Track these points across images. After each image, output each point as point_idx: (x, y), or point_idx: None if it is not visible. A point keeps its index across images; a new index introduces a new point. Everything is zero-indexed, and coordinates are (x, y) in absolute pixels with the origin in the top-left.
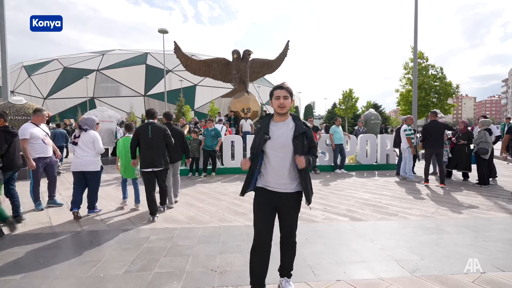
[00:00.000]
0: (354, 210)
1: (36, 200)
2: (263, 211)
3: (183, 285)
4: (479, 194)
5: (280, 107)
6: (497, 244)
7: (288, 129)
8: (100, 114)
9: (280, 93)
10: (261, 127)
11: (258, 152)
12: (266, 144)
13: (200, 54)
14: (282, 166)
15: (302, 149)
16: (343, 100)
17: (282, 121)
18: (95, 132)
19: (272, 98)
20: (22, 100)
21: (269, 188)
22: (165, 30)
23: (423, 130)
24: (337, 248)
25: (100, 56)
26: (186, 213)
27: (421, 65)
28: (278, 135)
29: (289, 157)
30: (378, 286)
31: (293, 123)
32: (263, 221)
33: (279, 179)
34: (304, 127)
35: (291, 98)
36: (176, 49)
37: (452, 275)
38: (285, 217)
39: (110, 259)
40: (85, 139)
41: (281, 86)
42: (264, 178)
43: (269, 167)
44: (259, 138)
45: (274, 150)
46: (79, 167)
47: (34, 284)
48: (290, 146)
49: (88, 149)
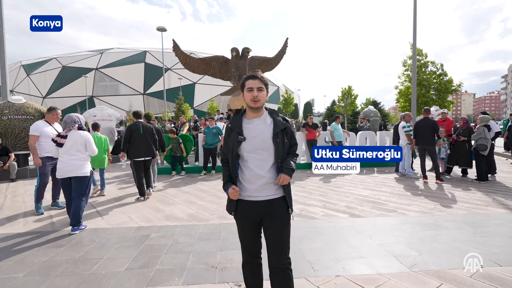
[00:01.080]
0: (353, 207)
1: (37, 201)
2: (247, 227)
3: (184, 281)
4: (478, 190)
5: (253, 101)
6: (494, 239)
7: (266, 126)
8: (100, 113)
9: (252, 84)
10: (232, 127)
11: (234, 156)
12: (241, 146)
13: (199, 52)
14: (263, 169)
15: (283, 148)
16: (342, 97)
17: (257, 117)
18: (87, 132)
19: (244, 90)
20: (22, 99)
21: (250, 198)
22: (163, 28)
23: (415, 127)
24: (336, 244)
25: (99, 54)
26: (187, 211)
27: (420, 62)
28: (255, 134)
29: (270, 158)
30: (376, 282)
31: (270, 119)
32: (250, 237)
33: (262, 185)
34: (283, 122)
35: (266, 89)
36: (175, 47)
37: (450, 270)
38: (273, 232)
39: (112, 257)
40: (74, 139)
41: (253, 75)
42: (243, 187)
43: (248, 173)
44: (231, 140)
45: (252, 152)
46: (64, 172)
47: (36, 282)
48: (270, 145)
49: (76, 152)
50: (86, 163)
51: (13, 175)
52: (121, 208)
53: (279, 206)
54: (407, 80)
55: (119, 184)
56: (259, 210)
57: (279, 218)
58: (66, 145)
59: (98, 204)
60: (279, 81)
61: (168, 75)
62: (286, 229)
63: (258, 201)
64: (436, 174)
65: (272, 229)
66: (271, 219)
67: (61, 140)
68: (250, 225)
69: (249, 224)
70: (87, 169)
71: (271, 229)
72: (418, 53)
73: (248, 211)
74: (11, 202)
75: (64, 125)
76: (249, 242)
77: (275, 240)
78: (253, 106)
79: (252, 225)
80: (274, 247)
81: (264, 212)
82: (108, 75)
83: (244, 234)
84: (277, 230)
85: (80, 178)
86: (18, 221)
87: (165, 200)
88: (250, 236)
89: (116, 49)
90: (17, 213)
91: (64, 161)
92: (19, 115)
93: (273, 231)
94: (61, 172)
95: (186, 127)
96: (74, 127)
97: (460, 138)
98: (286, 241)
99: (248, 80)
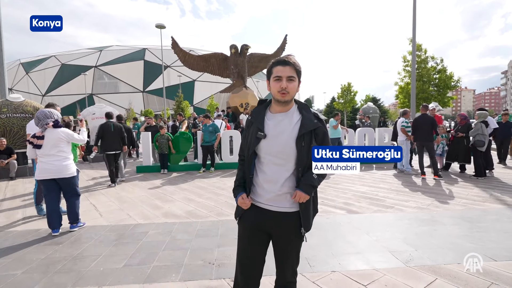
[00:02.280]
0: (351, 203)
1: (38, 203)
2: (251, 238)
3: (181, 278)
4: (475, 186)
5: (281, 93)
6: (490, 235)
7: (291, 124)
8: (99, 111)
9: (282, 71)
10: (252, 120)
11: (250, 155)
12: (259, 145)
13: (198, 49)
14: (278, 177)
15: (309, 154)
16: (342, 94)
17: (283, 112)
18: (64, 128)
19: (271, 79)
20: (20, 97)
21: (260, 205)
22: (162, 25)
23: (413, 123)
24: (333, 240)
25: (98, 52)
26: (185, 208)
27: (420, 58)
28: (277, 132)
29: (290, 165)
30: (372, 277)
31: (298, 115)
32: (251, 253)
33: (274, 193)
34: (315, 122)
35: (298, 79)
36: (174, 44)
37: (445, 265)
38: (283, 249)
39: (110, 254)
40: (54, 140)
41: (285, 60)
42: (255, 191)
43: (262, 178)
44: (250, 135)
45: (269, 155)
46: (48, 173)
47: (35, 278)
48: (292, 149)
49: (58, 152)
50: (70, 162)
51: (13, 173)
52: (120, 205)
53: (293, 221)
54: (406, 76)
55: (118, 182)
56: (269, 221)
57: (290, 236)
58: (46, 147)
59: (97, 201)
60: None
61: (168, 73)
62: (297, 249)
63: (270, 211)
64: (434, 170)
65: (280, 247)
66: (281, 235)
67: (38, 142)
68: (254, 234)
69: (254, 233)
70: (73, 169)
71: (280, 247)
72: (418, 48)
73: (256, 219)
74: (10, 200)
75: (37, 121)
76: (247, 258)
77: (282, 259)
78: (281, 100)
79: (256, 235)
80: (282, 267)
81: (274, 226)
82: (107, 73)
83: (244, 247)
84: (286, 249)
85: (69, 178)
86: (17, 218)
87: (164, 197)
88: (252, 250)
89: (115, 47)
90: (16, 211)
91: (45, 161)
92: (18, 113)
93: (282, 250)
94: (44, 172)
95: (185, 125)
96: (49, 125)
97: (458, 134)
98: (294, 261)
99: (277, 67)
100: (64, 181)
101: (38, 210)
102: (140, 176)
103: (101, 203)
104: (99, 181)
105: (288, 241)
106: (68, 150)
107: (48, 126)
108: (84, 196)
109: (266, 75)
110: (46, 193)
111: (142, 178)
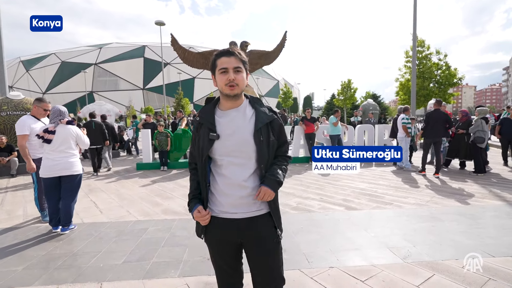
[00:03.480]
0: (350, 200)
1: (42, 210)
2: (222, 254)
3: (180, 274)
4: (474, 183)
5: (229, 86)
6: (489, 231)
7: (245, 119)
8: (98, 108)
9: (228, 62)
10: (201, 121)
11: (204, 160)
12: (213, 147)
13: (197, 46)
14: (241, 178)
15: (269, 149)
16: (342, 90)
17: (235, 108)
18: (75, 126)
19: (216, 72)
20: (20, 95)
21: (225, 215)
22: (162, 22)
23: (426, 118)
24: (332, 236)
25: (98, 49)
26: (184, 205)
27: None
28: (231, 130)
29: (251, 163)
30: (370, 273)
31: (251, 109)
32: (226, 265)
33: (240, 198)
34: (268, 114)
35: (245, 70)
36: (173, 41)
37: (442, 261)
38: (259, 260)
39: (110, 250)
40: (65, 135)
41: (229, 51)
42: (216, 200)
43: (222, 182)
44: (201, 138)
45: (227, 156)
46: (54, 171)
47: (35, 274)
48: (251, 145)
49: (67, 149)
50: (77, 159)
51: (14, 170)
52: (120, 202)
53: (264, 225)
54: (407, 72)
55: (119, 179)
56: (238, 232)
57: (264, 241)
58: (55, 142)
59: (97, 198)
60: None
61: (168, 70)
62: (275, 255)
63: (236, 219)
64: (437, 167)
65: (256, 256)
66: (254, 243)
67: (48, 136)
68: (225, 251)
69: (223, 248)
70: (79, 167)
71: (255, 256)
72: (421, 44)
73: (222, 232)
74: (11, 197)
75: (52, 116)
76: (225, 273)
77: (260, 271)
78: (229, 94)
79: (228, 250)
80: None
81: (244, 234)
82: (107, 70)
83: (218, 264)
84: (263, 257)
85: (73, 176)
86: (18, 215)
87: (163, 194)
88: (227, 265)
89: (115, 44)
90: (17, 208)
91: (52, 158)
92: (18, 111)
93: (258, 259)
94: (49, 170)
95: (184, 122)
96: (63, 121)
97: (458, 131)
98: (275, 269)
99: (221, 58)
100: (68, 179)
101: (42, 216)
102: (140, 173)
103: (101, 200)
104: (99, 178)
105: (264, 247)
106: (75, 148)
107: (62, 122)
108: (84, 193)
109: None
110: (48, 191)
111: (142, 175)
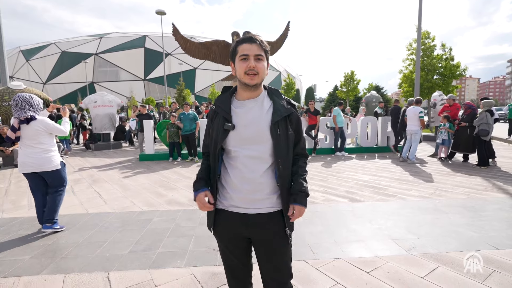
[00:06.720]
0: (353, 192)
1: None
2: (232, 249)
3: (186, 263)
4: (478, 175)
5: (249, 75)
6: (492, 223)
7: (262, 111)
8: (100, 99)
9: (249, 49)
10: (217, 110)
11: (217, 151)
12: (228, 138)
13: (199, 36)
14: (255, 172)
15: (287, 143)
16: (345, 82)
17: (252, 99)
18: (42, 117)
19: (236, 59)
20: (21, 85)
21: (234, 209)
22: (163, 11)
23: None
24: (336, 228)
25: (98, 39)
26: (189, 196)
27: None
28: (247, 122)
29: (267, 156)
30: (374, 264)
31: (269, 101)
32: (237, 260)
33: (252, 193)
34: (287, 107)
35: (266, 59)
36: (175, 31)
37: (447, 253)
38: (270, 255)
39: (116, 240)
40: (29, 132)
41: (251, 37)
42: (226, 193)
43: (234, 175)
44: (215, 128)
45: (241, 147)
46: (29, 167)
47: (43, 263)
48: (267, 139)
49: (37, 144)
50: (53, 154)
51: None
52: (124, 193)
53: (275, 223)
54: (411, 64)
55: (121, 169)
56: (247, 227)
57: (274, 239)
58: (23, 138)
59: (101, 189)
60: (280, 66)
61: (169, 60)
62: (284, 253)
63: (246, 214)
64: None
65: (265, 253)
66: (263, 240)
67: (14, 135)
68: (234, 245)
69: (233, 243)
70: (56, 161)
71: (264, 253)
72: (426, 35)
73: (231, 227)
74: (15, 187)
75: (14, 110)
76: (234, 267)
77: (269, 268)
78: (249, 83)
79: (237, 245)
80: (270, 277)
81: (253, 231)
82: (108, 61)
83: (228, 257)
84: (272, 255)
85: (52, 172)
86: (23, 205)
87: (167, 185)
88: (237, 259)
89: (115, 34)
90: (22, 198)
91: (26, 154)
92: None
93: (267, 257)
94: (26, 166)
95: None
96: (22, 118)
97: (461, 123)
98: (284, 267)
99: (243, 45)
100: (47, 175)
101: None
102: (143, 164)
103: (105, 190)
104: (102, 169)
105: (278, 243)
106: (50, 141)
107: (22, 119)
108: (88, 183)
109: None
110: (33, 189)
111: (145, 166)
